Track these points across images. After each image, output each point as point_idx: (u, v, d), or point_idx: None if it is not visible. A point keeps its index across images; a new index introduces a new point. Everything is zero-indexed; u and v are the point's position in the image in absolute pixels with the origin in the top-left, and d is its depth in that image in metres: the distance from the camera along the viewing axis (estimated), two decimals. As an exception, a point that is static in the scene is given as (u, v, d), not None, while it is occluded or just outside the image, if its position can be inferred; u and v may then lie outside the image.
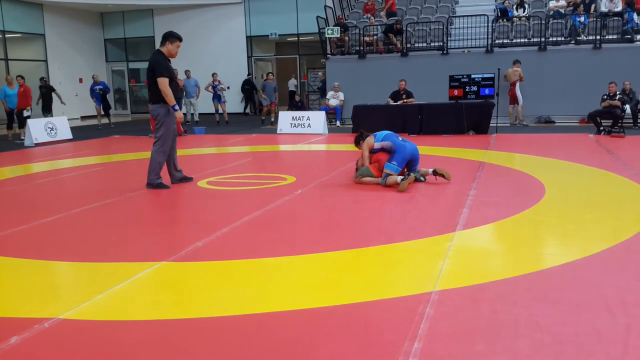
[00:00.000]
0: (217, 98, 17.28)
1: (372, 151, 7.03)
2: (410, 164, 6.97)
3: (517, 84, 14.67)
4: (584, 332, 2.86)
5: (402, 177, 6.59)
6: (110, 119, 17.44)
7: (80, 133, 15.26)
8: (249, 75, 21.35)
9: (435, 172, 6.93)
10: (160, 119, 6.90)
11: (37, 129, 13.40)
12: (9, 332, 2.97)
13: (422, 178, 6.92)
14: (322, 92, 18.16)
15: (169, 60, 6.93)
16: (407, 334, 2.87)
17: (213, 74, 17.23)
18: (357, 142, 7.31)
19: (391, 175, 6.66)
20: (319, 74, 17.69)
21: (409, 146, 6.90)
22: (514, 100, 14.82)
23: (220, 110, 17.49)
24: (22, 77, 14.47)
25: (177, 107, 6.99)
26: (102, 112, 17.01)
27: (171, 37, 6.85)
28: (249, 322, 3.10)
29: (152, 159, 6.96)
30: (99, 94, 16.65)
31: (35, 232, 5.16)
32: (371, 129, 12.87)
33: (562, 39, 15.61)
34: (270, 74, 17.81)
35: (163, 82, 6.73)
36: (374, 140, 7.00)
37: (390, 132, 7.12)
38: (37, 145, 12.99)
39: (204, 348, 2.80)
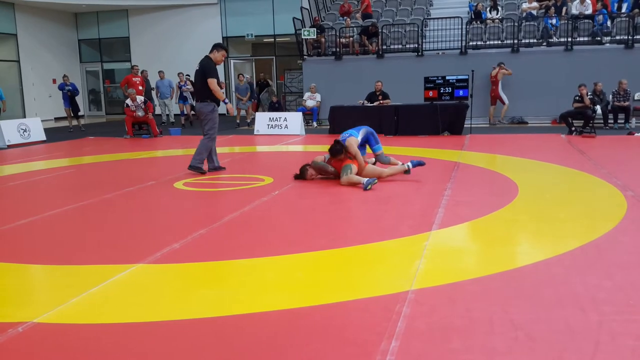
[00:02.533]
0: (183, 99, 16.97)
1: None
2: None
3: (500, 85, 14.88)
4: (556, 329, 2.92)
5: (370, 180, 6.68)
6: (80, 121, 16.91)
7: (54, 135, 15.03)
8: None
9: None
10: (207, 116, 7.95)
11: (9, 130, 13.17)
12: (-19, 337, 2.93)
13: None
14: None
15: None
16: (384, 333, 2.89)
17: (179, 74, 17.07)
18: (338, 152, 6.97)
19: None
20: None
21: (364, 127, 7.55)
22: (495, 101, 15.03)
23: (186, 112, 17.25)
24: None
25: (227, 101, 8.19)
26: (72, 114, 16.50)
27: (219, 47, 8.13)
28: (226, 324, 3.10)
29: (202, 146, 7.99)
30: (68, 96, 16.22)
31: (7, 235, 5.08)
32: (348, 129, 13.09)
33: (535, 41, 15.86)
34: (240, 75, 17.48)
35: (212, 82, 7.87)
36: (356, 139, 7.19)
37: (351, 129, 7.47)
38: (9, 147, 12.76)
39: (182, 350, 2.79)
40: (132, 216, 5.95)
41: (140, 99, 13.98)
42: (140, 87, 14.54)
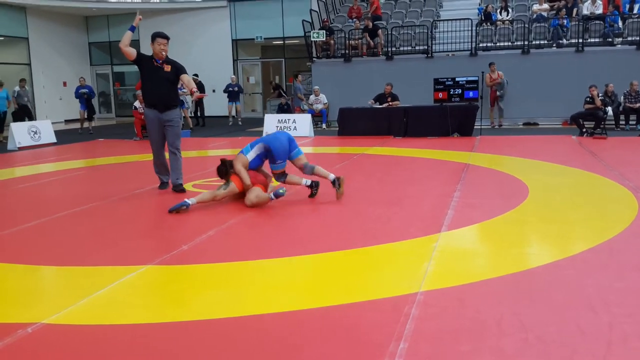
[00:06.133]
0: (180, 103, 16.94)
1: (251, 167, 6.15)
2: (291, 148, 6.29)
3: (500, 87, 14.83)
4: (567, 331, 2.89)
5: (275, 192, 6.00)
6: (91, 124, 16.96)
7: (64, 137, 15.13)
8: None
9: (334, 182, 6.30)
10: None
11: (20, 132, 13.26)
12: (-9, 337, 2.94)
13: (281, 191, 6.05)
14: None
15: None
16: (393, 335, 2.88)
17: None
18: (225, 173, 6.14)
19: (279, 175, 6.23)
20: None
21: (280, 134, 6.33)
22: (494, 103, 14.98)
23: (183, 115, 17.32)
24: None
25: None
26: (86, 117, 16.66)
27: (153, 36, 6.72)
28: (234, 325, 3.09)
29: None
30: (84, 98, 16.37)
31: (18, 236, 5.10)
32: (357, 131, 13.10)
33: (545, 42, 15.78)
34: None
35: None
36: (245, 157, 6.12)
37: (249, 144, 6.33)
38: (20, 149, 12.85)
39: (190, 352, 2.79)
40: (141, 218, 5.96)
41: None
42: None
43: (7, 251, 4.61)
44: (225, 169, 6.14)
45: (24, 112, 15.77)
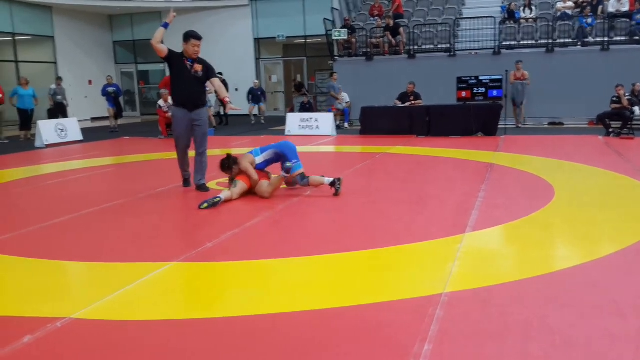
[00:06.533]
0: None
1: (257, 167, 6.45)
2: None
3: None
4: (595, 335, 2.86)
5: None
6: (117, 122, 17.04)
7: (90, 135, 15.34)
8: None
9: (332, 183, 6.38)
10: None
11: (47, 130, 13.49)
12: (22, 331, 3.00)
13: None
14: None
15: None
16: (417, 336, 2.87)
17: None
18: (227, 167, 6.40)
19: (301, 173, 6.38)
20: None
21: (289, 142, 6.61)
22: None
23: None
24: None
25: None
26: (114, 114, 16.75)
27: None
28: (258, 323, 3.11)
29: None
30: (112, 97, 16.54)
31: (47, 232, 5.20)
32: (380, 130, 13.06)
33: (570, 40, 15.56)
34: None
35: None
36: (253, 157, 6.42)
37: (260, 147, 6.63)
38: (47, 146, 13.07)
39: (214, 348, 2.82)
40: (167, 215, 6.03)
41: (172, 99, 14.13)
42: None
43: (37, 247, 4.70)
44: (228, 163, 6.38)
45: (60, 110, 16.03)
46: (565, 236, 4.77)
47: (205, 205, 5.86)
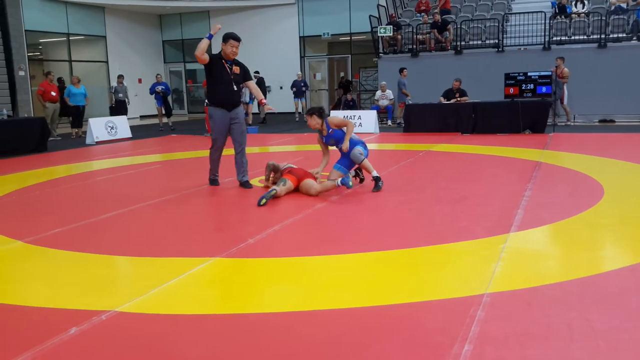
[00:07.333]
0: (252, 99, 16.13)
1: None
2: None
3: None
4: (642, 339, 2.77)
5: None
6: (170, 120, 17.15)
7: (139, 132, 15.72)
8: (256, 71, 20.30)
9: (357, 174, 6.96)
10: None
11: (98, 127, 13.91)
12: (68, 323, 3.11)
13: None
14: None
15: None
16: (458, 336, 2.84)
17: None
18: (316, 113, 6.79)
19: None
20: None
21: (362, 143, 6.92)
22: (563, 99, 14.40)
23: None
24: None
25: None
26: (163, 113, 16.91)
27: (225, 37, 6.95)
28: (297, 320, 3.13)
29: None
30: (160, 95, 16.75)
31: (94, 226, 5.36)
32: (424, 128, 12.93)
33: (624, 35, 15.04)
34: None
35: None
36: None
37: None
38: (98, 143, 13.48)
39: (253, 344, 2.85)
40: (210, 211, 6.13)
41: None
42: None
43: (87, 241, 4.85)
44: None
45: (121, 107, 16.51)
46: (614, 237, 4.62)
47: (264, 201, 5.97)
